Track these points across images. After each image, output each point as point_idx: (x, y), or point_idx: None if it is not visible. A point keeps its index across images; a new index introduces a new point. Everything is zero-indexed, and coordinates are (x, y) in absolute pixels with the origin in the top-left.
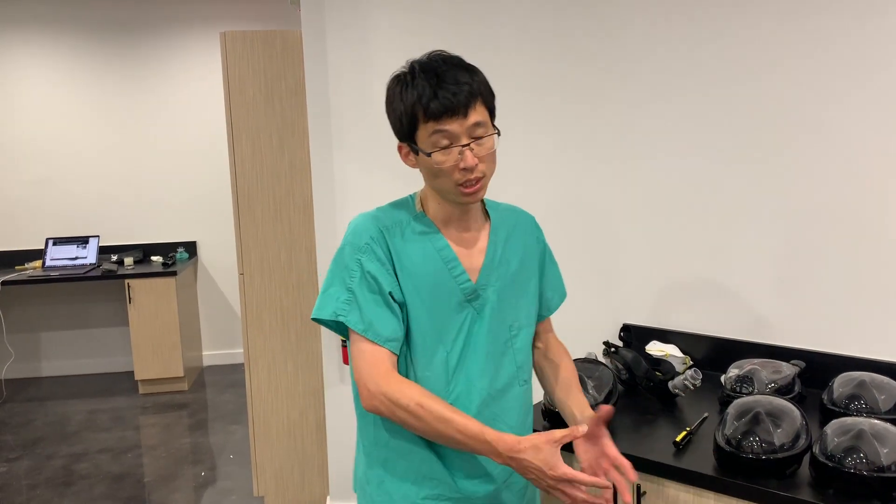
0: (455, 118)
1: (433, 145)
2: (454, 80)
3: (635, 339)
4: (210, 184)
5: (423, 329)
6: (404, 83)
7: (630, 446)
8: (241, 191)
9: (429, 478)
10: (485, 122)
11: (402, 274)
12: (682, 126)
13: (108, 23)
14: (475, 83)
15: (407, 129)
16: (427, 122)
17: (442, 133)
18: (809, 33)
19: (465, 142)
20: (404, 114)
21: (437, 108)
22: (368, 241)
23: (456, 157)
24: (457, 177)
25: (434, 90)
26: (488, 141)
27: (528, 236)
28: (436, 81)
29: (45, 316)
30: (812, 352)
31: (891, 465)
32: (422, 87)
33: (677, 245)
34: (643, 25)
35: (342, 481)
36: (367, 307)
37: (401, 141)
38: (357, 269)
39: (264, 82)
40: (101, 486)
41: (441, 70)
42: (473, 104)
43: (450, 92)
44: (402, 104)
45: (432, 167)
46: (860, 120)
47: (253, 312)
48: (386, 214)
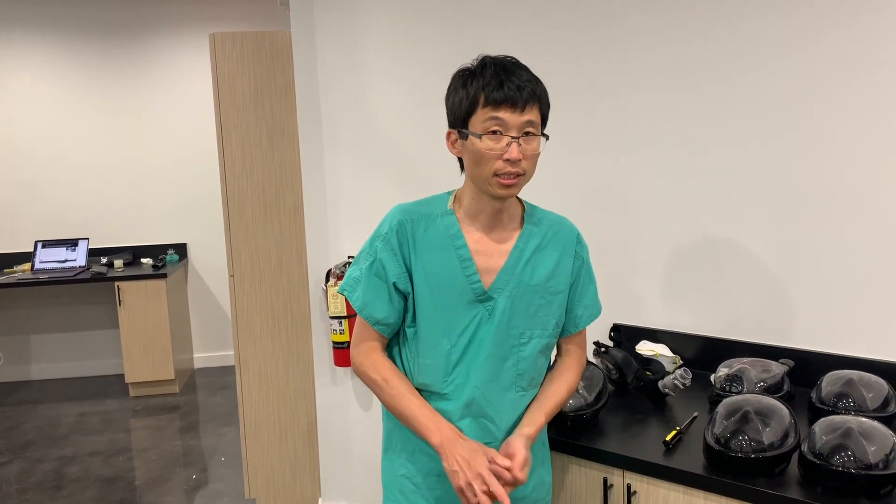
0: (512, 110)
1: (485, 129)
2: (520, 78)
3: (625, 338)
4: (200, 185)
5: (428, 319)
6: (472, 72)
7: (620, 446)
8: (231, 192)
9: (421, 451)
10: (537, 124)
11: (416, 264)
12: (668, 128)
13: (98, 24)
14: (538, 88)
15: (465, 114)
16: (486, 107)
17: (496, 120)
18: (805, 27)
19: (516, 134)
20: (466, 97)
21: (500, 96)
22: (388, 231)
23: (503, 146)
24: (498, 165)
25: (501, 81)
26: (535, 141)
27: (565, 250)
28: (504, 74)
29: (34, 319)
30: (801, 351)
31: (878, 462)
32: (490, 76)
33: (667, 245)
34: (638, 22)
35: (334, 483)
36: (369, 290)
37: (452, 127)
38: (372, 255)
39: (254, 83)
40: (91, 489)
41: (511, 67)
42: (531, 103)
43: (514, 85)
44: (466, 90)
45: (479, 151)
46: (850, 120)
47: (243, 314)
48: (418, 207)
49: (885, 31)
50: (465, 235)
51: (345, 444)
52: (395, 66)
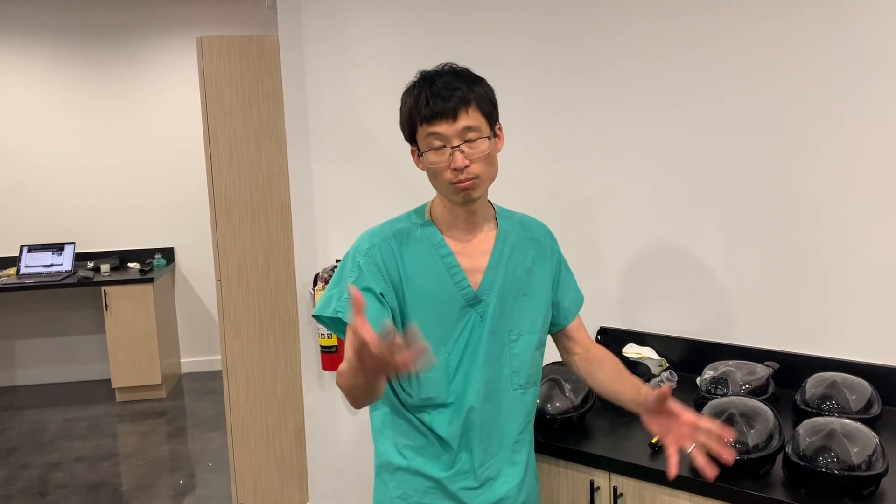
0: (444, 121)
1: (427, 146)
2: (447, 87)
3: (612, 341)
4: (188, 189)
5: (424, 331)
6: (409, 91)
7: (606, 448)
8: (219, 196)
9: (416, 472)
10: (477, 127)
11: (404, 279)
12: (656, 132)
13: (84, 27)
14: (469, 92)
15: (409, 133)
16: (422, 124)
17: (434, 135)
18: (804, 33)
19: (456, 143)
20: (405, 118)
21: (428, 112)
22: (370, 247)
23: (448, 157)
24: (449, 176)
25: (427, 97)
26: (481, 144)
27: (540, 246)
28: (431, 90)
29: (20, 324)
30: (785, 353)
31: (861, 463)
32: (418, 93)
33: (653, 249)
34: (631, 27)
35: (321, 488)
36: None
37: (411, 145)
38: (356, 270)
39: (241, 87)
40: (77, 495)
41: (440, 79)
42: (464, 109)
43: (441, 98)
44: (405, 109)
45: (429, 167)
46: (837, 125)
47: (230, 319)
48: (392, 224)
49: (873, 36)
50: (447, 242)
51: (333, 448)
52: (382, 70)
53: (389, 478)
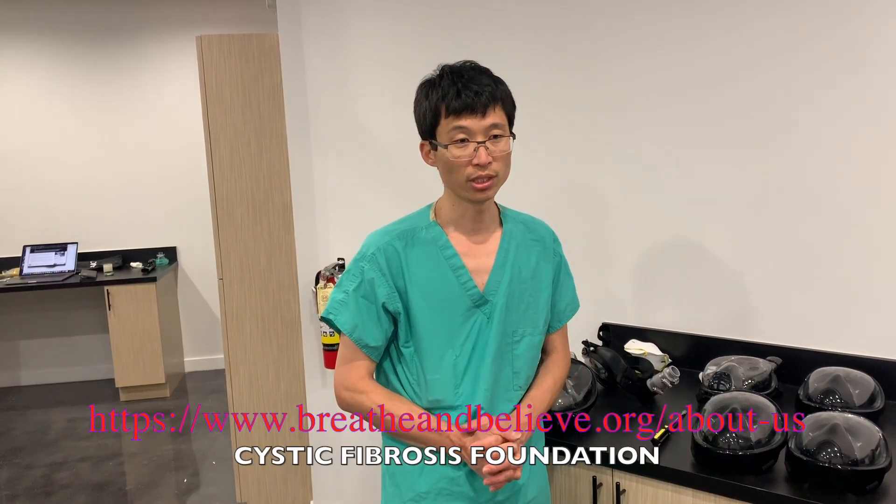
0: (473, 116)
1: (450, 139)
2: (477, 83)
3: (614, 337)
4: (189, 188)
5: (431, 333)
6: (432, 84)
7: (609, 444)
8: (220, 195)
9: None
10: (502, 125)
11: (410, 281)
12: (659, 128)
13: (85, 27)
14: (497, 89)
15: (430, 125)
16: (448, 117)
17: (460, 129)
18: (800, 26)
19: (481, 139)
20: (429, 110)
21: (459, 105)
22: (375, 252)
23: (471, 152)
24: (469, 171)
25: (458, 89)
26: (503, 142)
27: (543, 247)
28: (461, 82)
29: (23, 324)
30: (788, 348)
31: (864, 458)
32: (447, 86)
33: (655, 245)
34: (629, 24)
35: (325, 487)
36: (358, 312)
37: (423, 139)
38: (358, 276)
39: (242, 86)
40: (81, 495)
41: (467, 73)
42: (492, 106)
43: (472, 92)
44: (428, 101)
45: (449, 161)
46: (840, 120)
47: (233, 318)
48: (397, 226)
49: (868, 34)
50: (452, 242)
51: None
52: (383, 68)
53: (399, 478)
